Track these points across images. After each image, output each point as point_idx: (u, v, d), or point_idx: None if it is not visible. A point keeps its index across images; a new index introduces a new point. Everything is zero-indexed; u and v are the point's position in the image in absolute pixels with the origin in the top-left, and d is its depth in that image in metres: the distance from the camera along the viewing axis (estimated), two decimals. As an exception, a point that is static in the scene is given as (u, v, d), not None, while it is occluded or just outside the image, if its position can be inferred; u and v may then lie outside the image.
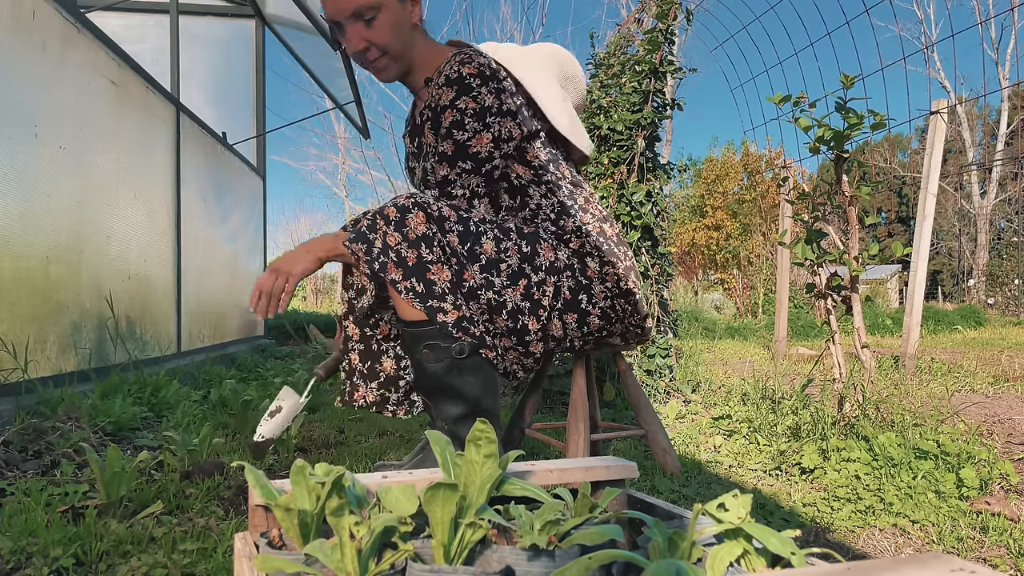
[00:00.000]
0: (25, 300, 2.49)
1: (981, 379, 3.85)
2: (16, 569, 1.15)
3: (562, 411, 2.79)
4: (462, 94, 1.49)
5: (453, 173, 1.50)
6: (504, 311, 1.50)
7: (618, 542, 0.66)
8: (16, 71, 2.44)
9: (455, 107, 1.49)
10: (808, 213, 2.41)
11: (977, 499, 1.64)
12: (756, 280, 11.85)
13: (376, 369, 1.62)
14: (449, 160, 1.50)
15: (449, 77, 1.51)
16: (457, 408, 1.47)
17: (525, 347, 1.53)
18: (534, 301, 1.52)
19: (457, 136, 1.49)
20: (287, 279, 1.39)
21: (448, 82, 1.51)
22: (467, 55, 1.53)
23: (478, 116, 1.49)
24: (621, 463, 0.84)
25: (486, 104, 1.50)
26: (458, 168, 1.50)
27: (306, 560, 0.61)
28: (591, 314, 1.57)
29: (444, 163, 1.51)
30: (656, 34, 3.21)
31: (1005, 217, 28.19)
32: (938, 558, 0.49)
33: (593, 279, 1.57)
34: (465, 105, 1.48)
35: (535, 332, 1.52)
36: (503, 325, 1.50)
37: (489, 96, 1.50)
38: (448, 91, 1.50)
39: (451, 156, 1.50)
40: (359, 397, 1.62)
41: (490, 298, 1.48)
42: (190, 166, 4.18)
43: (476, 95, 1.49)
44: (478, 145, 1.50)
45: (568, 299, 1.55)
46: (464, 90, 1.49)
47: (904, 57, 4.68)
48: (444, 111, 1.51)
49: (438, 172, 1.52)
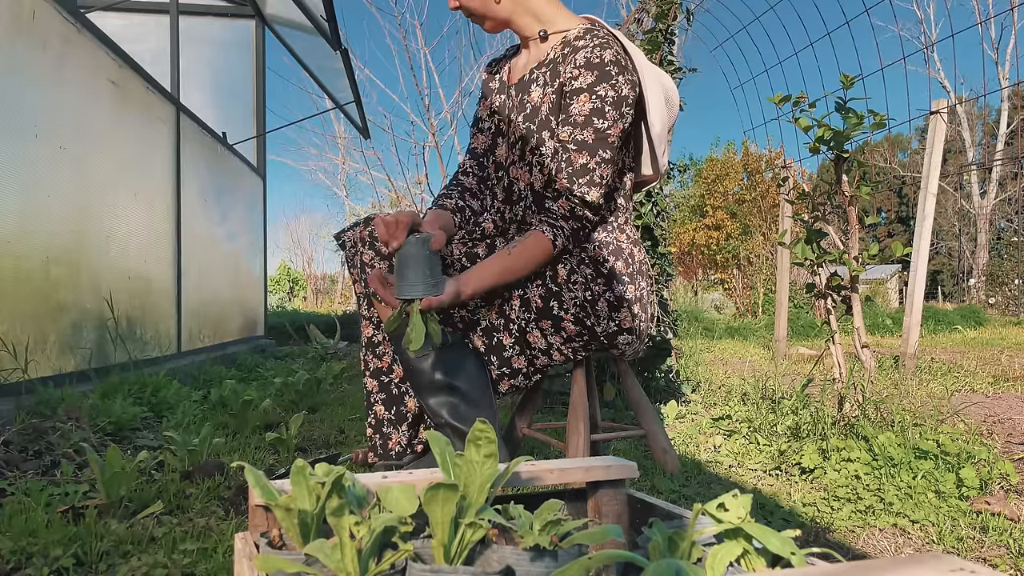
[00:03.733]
0: (25, 300, 2.49)
1: (981, 379, 3.85)
2: (16, 569, 1.15)
3: (562, 411, 2.79)
4: (603, 80, 1.45)
5: (593, 162, 1.46)
6: (478, 328, 1.55)
7: (618, 542, 0.66)
8: (16, 71, 2.44)
9: (595, 93, 1.45)
10: (808, 213, 2.41)
11: (977, 499, 1.64)
12: (756, 280, 11.85)
13: (403, 411, 1.65)
14: (590, 148, 1.46)
15: (590, 60, 1.46)
16: (446, 399, 1.50)
17: (506, 364, 1.55)
18: (505, 316, 1.55)
19: (598, 124, 1.45)
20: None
21: (589, 64, 1.45)
22: (605, 40, 1.49)
23: (616, 105, 1.46)
24: (621, 463, 0.84)
25: (624, 93, 1.46)
26: (599, 157, 1.47)
27: (306, 560, 0.61)
28: (564, 319, 1.54)
29: (584, 151, 1.46)
30: (656, 34, 3.21)
31: (1005, 217, 28.19)
32: (938, 558, 0.49)
33: (563, 286, 1.54)
34: (605, 93, 1.45)
35: (511, 346, 1.54)
36: (479, 343, 1.54)
37: (626, 87, 1.47)
38: (587, 74, 1.45)
39: (592, 144, 1.46)
40: (393, 445, 1.63)
41: (464, 315, 1.54)
42: (190, 166, 4.18)
43: (615, 83, 1.45)
44: (615, 134, 1.47)
45: (540, 307, 1.54)
46: (605, 77, 1.45)
47: (904, 57, 4.68)
48: (579, 94, 1.46)
49: (576, 160, 1.46)
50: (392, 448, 1.63)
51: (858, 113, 2.20)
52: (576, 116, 1.46)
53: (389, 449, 1.63)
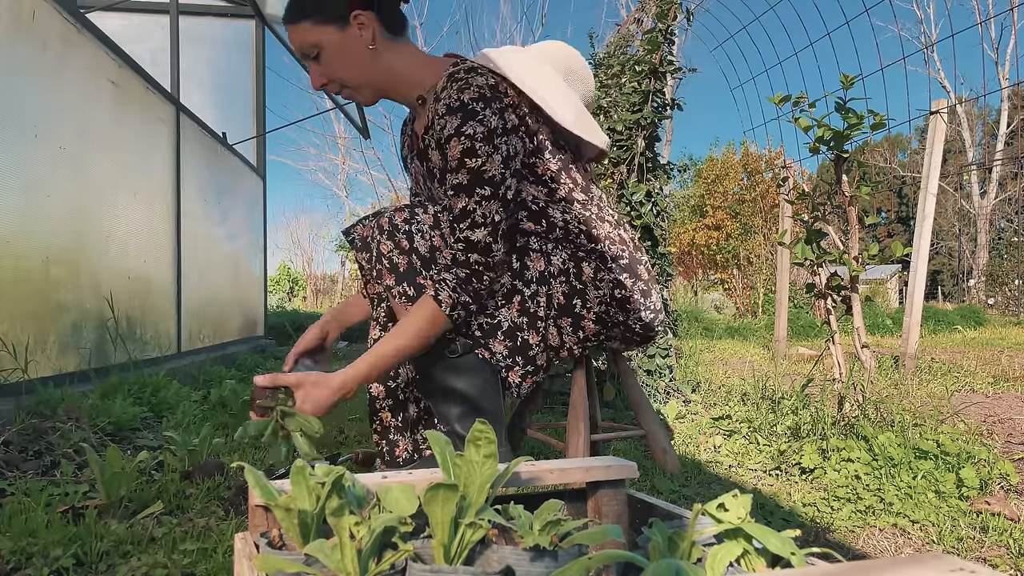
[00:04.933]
0: (25, 300, 2.49)
1: (981, 379, 3.85)
2: (16, 569, 1.15)
3: (562, 411, 2.79)
4: (467, 120, 1.41)
5: (472, 202, 1.41)
6: (500, 332, 1.50)
7: (618, 542, 0.66)
8: (16, 71, 2.44)
9: (462, 134, 1.40)
10: (808, 213, 2.41)
11: (977, 499, 1.64)
12: (756, 280, 11.85)
13: (408, 417, 1.64)
14: (466, 189, 1.41)
15: (451, 106, 1.42)
16: (456, 408, 1.48)
17: (531, 362, 1.53)
18: (531, 315, 1.51)
19: (471, 163, 1.41)
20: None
21: (450, 110, 1.42)
22: (464, 80, 1.45)
23: (487, 139, 1.41)
24: (621, 463, 0.84)
25: (493, 125, 1.42)
26: (476, 196, 1.41)
27: (306, 560, 0.61)
28: (585, 318, 1.54)
29: (461, 194, 1.42)
30: (656, 34, 3.21)
31: (1005, 217, 28.19)
32: (938, 558, 0.49)
33: (588, 284, 1.54)
34: (473, 131, 1.40)
35: (538, 345, 1.52)
36: (500, 347, 1.50)
37: (494, 117, 1.42)
38: (452, 119, 1.42)
39: (467, 185, 1.41)
40: (400, 452, 1.63)
41: (482, 323, 1.50)
42: (190, 166, 4.18)
43: (482, 118, 1.41)
44: (492, 168, 1.42)
45: (562, 304, 1.53)
46: (469, 115, 1.41)
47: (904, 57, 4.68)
48: (450, 141, 1.42)
49: (456, 205, 1.42)
50: (400, 455, 1.62)
51: (858, 113, 2.20)
52: (451, 162, 1.43)
53: (396, 456, 1.62)
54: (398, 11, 1.59)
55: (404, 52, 1.56)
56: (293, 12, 1.50)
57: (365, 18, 1.49)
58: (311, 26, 1.48)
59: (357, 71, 1.53)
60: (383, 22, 1.52)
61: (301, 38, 1.50)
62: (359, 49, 1.51)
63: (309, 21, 1.48)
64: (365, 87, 1.56)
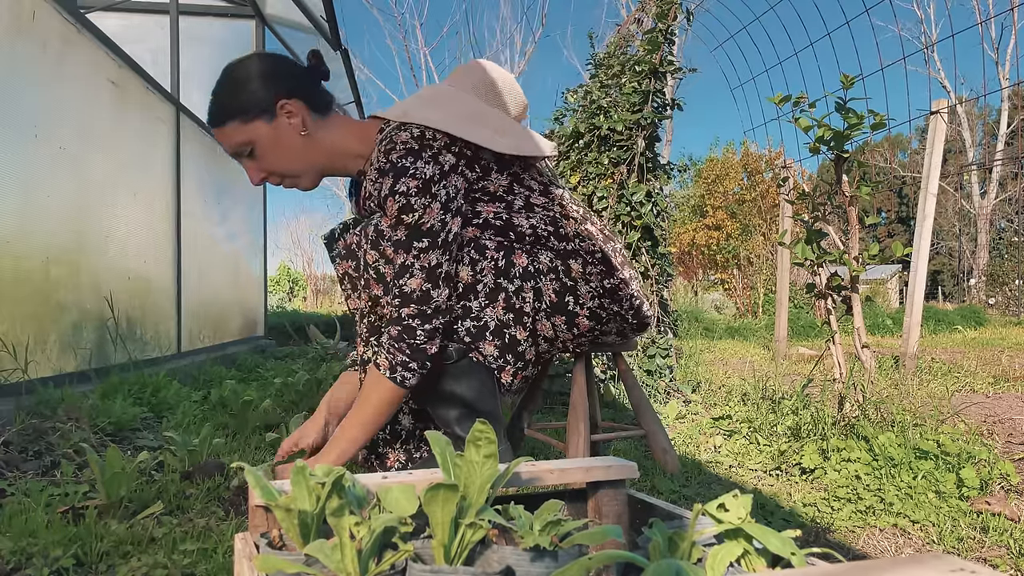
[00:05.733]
0: (25, 300, 2.49)
1: (981, 379, 3.85)
2: (16, 569, 1.15)
3: (562, 411, 2.79)
4: (399, 177, 1.38)
5: (410, 257, 1.39)
6: (487, 332, 1.49)
7: (618, 542, 0.66)
8: (16, 71, 2.44)
9: (395, 192, 1.38)
10: (808, 213, 2.41)
11: (977, 499, 1.64)
12: (756, 280, 11.85)
13: (397, 429, 1.63)
14: (404, 245, 1.39)
15: (381, 168, 1.41)
16: (455, 411, 1.48)
17: (520, 358, 1.52)
18: (516, 311, 1.50)
19: (408, 219, 1.38)
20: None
21: (381, 173, 1.41)
22: (388, 140, 1.44)
23: (422, 191, 1.38)
24: (621, 463, 0.84)
25: (428, 175, 1.39)
26: (415, 250, 1.39)
27: (306, 560, 0.61)
28: (579, 315, 1.54)
29: (400, 250, 1.39)
30: (656, 34, 3.21)
31: (1005, 217, 28.20)
32: (938, 558, 0.49)
33: (578, 280, 1.53)
34: (406, 187, 1.38)
35: (525, 340, 1.52)
36: (491, 348, 1.49)
37: (427, 166, 1.40)
38: (384, 180, 1.40)
39: (405, 241, 1.39)
40: (392, 463, 1.62)
41: (468, 327, 1.48)
42: (190, 166, 4.18)
43: (413, 171, 1.39)
44: (430, 218, 1.39)
45: (554, 301, 1.52)
46: (399, 173, 1.39)
47: (904, 57, 4.68)
48: (387, 200, 1.39)
49: (395, 261, 1.40)
50: (391, 466, 1.62)
51: (858, 113, 2.20)
52: (390, 220, 1.41)
53: (388, 468, 1.62)
54: (321, 89, 1.57)
55: (335, 127, 1.55)
56: (217, 115, 1.49)
57: (292, 106, 1.48)
58: (239, 125, 1.47)
59: (294, 159, 1.51)
60: (309, 105, 1.51)
61: (231, 138, 1.48)
62: (292, 137, 1.49)
63: (236, 121, 1.47)
64: (305, 173, 1.54)
